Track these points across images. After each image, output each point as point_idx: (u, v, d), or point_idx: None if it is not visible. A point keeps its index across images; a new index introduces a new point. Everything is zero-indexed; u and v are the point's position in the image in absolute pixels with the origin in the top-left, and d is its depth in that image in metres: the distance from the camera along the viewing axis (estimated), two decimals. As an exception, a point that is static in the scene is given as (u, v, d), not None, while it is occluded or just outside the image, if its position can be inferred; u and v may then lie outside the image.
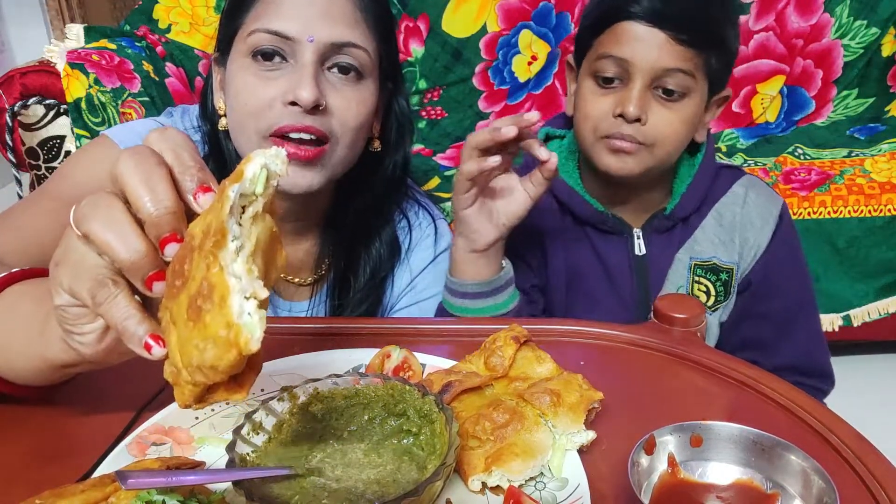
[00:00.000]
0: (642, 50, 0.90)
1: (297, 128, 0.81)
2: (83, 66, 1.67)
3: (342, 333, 0.74)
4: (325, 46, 0.82)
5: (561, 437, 0.54)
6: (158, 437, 0.56)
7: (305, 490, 0.47)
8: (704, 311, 0.73)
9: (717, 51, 0.93)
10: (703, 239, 1.03)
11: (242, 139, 0.86)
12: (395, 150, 0.97)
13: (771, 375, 0.65)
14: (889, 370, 1.92)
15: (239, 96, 0.84)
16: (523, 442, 0.52)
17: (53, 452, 0.56)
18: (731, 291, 1.04)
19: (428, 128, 2.32)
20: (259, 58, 0.83)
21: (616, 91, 0.93)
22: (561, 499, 0.50)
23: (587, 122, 0.96)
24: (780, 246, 1.03)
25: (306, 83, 0.80)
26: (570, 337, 0.72)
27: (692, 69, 0.91)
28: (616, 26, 0.92)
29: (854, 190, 1.81)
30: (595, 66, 0.95)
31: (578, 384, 0.58)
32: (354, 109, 0.85)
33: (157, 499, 0.43)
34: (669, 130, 0.93)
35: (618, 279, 1.04)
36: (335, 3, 0.84)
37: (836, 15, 2.22)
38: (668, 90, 0.92)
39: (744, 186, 1.05)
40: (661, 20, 0.89)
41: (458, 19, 2.25)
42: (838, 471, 0.52)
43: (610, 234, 1.04)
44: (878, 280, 1.85)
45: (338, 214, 0.97)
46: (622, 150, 0.93)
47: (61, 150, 1.69)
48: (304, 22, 0.81)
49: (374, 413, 0.54)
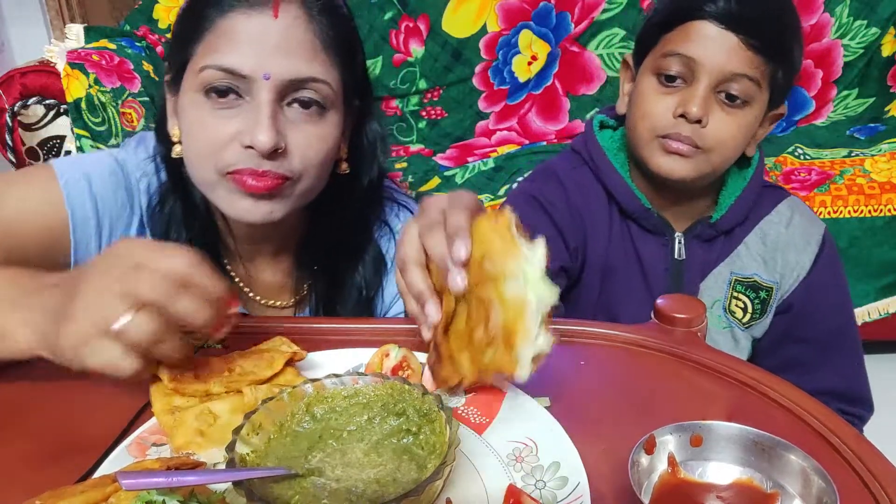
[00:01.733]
0: (712, 50, 0.89)
1: (256, 173, 0.76)
2: (83, 66, 1.67)
3: (341, 333, 0.74)
4: (282, 83, 0.76)
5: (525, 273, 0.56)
6: (159, 438, 0.56)
7: (305, 490, 0.47)
8: (705, 311, 0.73)
9: (784, 62, 0.92)
10: (746, 255, 1.03)
11: (199, 174, 0.81)
12: (367, 169, 0.92)
13: (771, 375, 0.65)
14: (889, 370, 1.92)
15: (192, 133, 0.79)
16: (508, 310, 0.56)
17: (53, 453, 0.56)
18: (767, 310, 1.04)
19: (428, 128, 2.32)
20: (213, 95, 0.77)
21: (678, 91, 0.92)
22: (561, 498, 0.50)
23: (645, 120, 0.95)
24: (823, 270, 1.03)
25: (263, 126, 0.74)
26: (571, 337, 0.72)
27: (758, 77, 0.90)
28: (688, 24, 0.91)
29: (854, 190, 1.81)
30: (660, 64, 0.94)
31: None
32: (316, 146, 0.80)
33: (158, 499, 0.43)
34: (728, 136, 0.92)
35: (652, 279, 1.04)
36: (292, 35, 0.77)
37: (836, 15, 2.22)
38: (732, 96, 0.91)
39: (789, 207, 1.04)
40: (736, 23, 0.88)
41: (458, 19, 2.25)
42: (838, 471, 0.52)
43: (651, 234, 1.03)
44: (878, 280, 1.85)
45: (314, 235, 0.93)
46: (678, 152, 0.92)
47: (61, 150, 1.69)
48: (258, 57, 0.75)
49: (374, 412, 0.54)
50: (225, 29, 0.76)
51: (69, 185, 0.82)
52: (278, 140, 0.75)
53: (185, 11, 0.82)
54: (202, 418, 0.55)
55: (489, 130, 2.32)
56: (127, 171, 0.88)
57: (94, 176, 0.84)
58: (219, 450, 0.52)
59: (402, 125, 2.31)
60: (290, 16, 0.77)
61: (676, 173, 0.94)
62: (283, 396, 0.54)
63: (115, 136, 1.70)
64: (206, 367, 0.59)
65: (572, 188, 1.05)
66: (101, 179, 0.85)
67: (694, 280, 1.03)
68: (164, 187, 0.88)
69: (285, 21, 0.76)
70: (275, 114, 0.76)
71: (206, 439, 0.53)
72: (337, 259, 0.93)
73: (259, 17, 0.76)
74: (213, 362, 0.60)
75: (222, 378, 0.58)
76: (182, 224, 0.87)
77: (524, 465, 0.53)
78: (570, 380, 0.60)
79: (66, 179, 0.82)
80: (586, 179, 1.06)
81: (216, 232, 0.90)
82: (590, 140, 1.07)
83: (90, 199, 0.83)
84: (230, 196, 0.79)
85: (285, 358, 0.61)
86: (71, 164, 0.85)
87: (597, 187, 1.04)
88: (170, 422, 0.55)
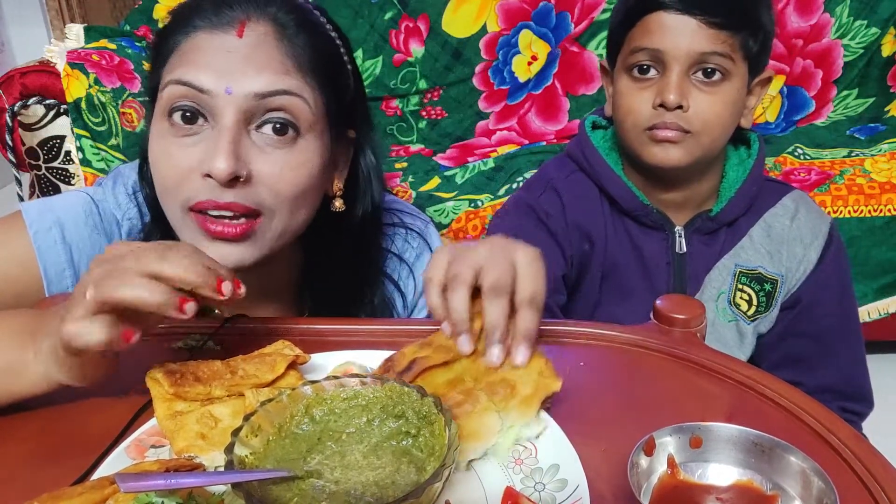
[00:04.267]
0: (675, 38, 0.90)
1: (219, 205, 0.70)
2: (83, 66, 1.67)
3: (343, 335, 0.74)
4: (247, 99, 0.70)
5: (510, 428, 0.55)
6: (157, 440, 0.56)
7: (304, 492, 0.47)
8: (704, 311, 0.73)
9: (753, 30, 0.92)
10: (751, 248, 1.03)
11: (168, 213, 0.75)
12: (359, 203, 0.86)
13: (771, 376, 0.64)
14: (889, 370, 1.92)
15: (156, 165, 0.74)
16: (470, 424, 0.54)
17: (51, 454, 0.56)
18: (773, 303, 1.04)
19: (428, 128, 2.32)
20: (176, 119, 0.71)
21: (654, 83, 0.93)
22: (560, 500, 0.50)
23: (629, 116, 0.96)
24: (829, 265, 1.02)
25: (221, 151, 0.68)
26: (570, 337, 0.72)
27: (728, 51, 0.90)
28: (646, 18, 0.92)
29: (854, 190, 1.80)
30: (629, 61, 0.94)
31: (539, 371, 0.58)
32: (288, 176, 0.72)
33: (156, 501, 0.43)
34: (712, 115, 0.92)
35: (654, 275, 1.04)
36: (259, 49, 0.71)
37: (836, 15, 2.22)
38: (707, 72, 0.91)
39: (794, 201, 1.04)
40: (691, 6, 0.89)
41: (458, 19, 2.25)
42: (838, 472, 0.51)
43: (650, 229, 1.03)
44: (878, 280, 1.85)
45: (312, 274, 0.87)
46: (667, 139, 0.93)
47: (61, 150, 1.69)
48: (220, 71, 0.70)
49: (373, 415, 0.54)
50: (188, 48, 0.73)
51: (39, 236, 0.78)
52: (238, 167, 0.69)
53: (155, 42, 0.78)
54: (203, 422, 0.55)
55: (489, 130, 2.32)
56: (104, 212, 0.83)
57: (68, 222, 0.80)
58: (220, 453, 0.51)
59: (402, 125, 2.31)
60: (257, 34, 0.73)
61: (670, 160, 0.94)
62: (283, 398, 0.53)
63: (115, 136, 1.69)
64: (207, 371, 0.59)
65: (568, 197, 1.05)
66: (76, 225, 0.81)
67: (697, 273, 1.03)
68: (146, 229, 0.84)
69: (252, 39, 0.72)
70: (237, 138, 0.70)
71: (208, 442, 0.53)
72: (338, 297, 0.87)
73: (223, 36, 0.72)
74: (214, 365, 0.60)
75: (224, 381, 0.58)
76: None
77: (523, 468, 0.53)
78: (568, 381, 0.60)
79: (37, 229, 0.78)
80: (581, 186, 1.06)
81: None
82: (583, 141, 1.07)
83: (64, 249, 0.79)
84: (196, 238, 0.72)
85: (287, 361, 0.61)
86: (41, 213, 0.80)
87: (593, 192, 1.05)
88: (171, 426, 0.55)
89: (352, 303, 0.87)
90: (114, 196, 0.85)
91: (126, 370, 0.61)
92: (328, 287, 0.87)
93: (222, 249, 0.71)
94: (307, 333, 0.74)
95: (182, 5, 0.77)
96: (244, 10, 0.73)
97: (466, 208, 1.81)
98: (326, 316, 0.85)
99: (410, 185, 1.96)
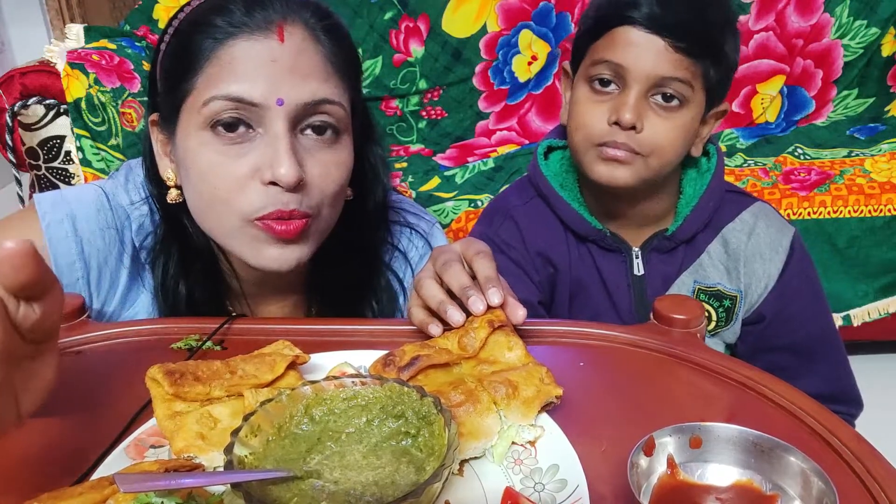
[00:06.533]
0: (640, 56, 0.89)
1: (284, 214, 0.71)
2: (83, 66, 1.67)
3: (343, 335, 0.74)
4: (297, 108, 0.70)
5: (509, 428, 0.56)
6: (157, 440, 0.56)
7: (304, 492, 0.47)
8: (704, 312, 0.73)
9: (716, 60, 0.91)
10: (709, 264, 1.02)
11: (215, 223, 0.75)
12: (371, 193, 0.88)
13: (771, 376, 0.65)
14: (889, 370, 1.92)
15: (205, 179, 0.72)
16: (471, 423, 0.54)
17: (51, 455, 0.56)
18: (732, 318, 1.03)
19: (428, 128, 2.32)
20: (220, 129, 0.71)
21: (612, 98, 0.92)
22: (560, 500, 0.49)
23: (581, 130, 0.95)
24: (793, 277, 1.01)
25: (285, 159, 0.69)
26: (570, 337, 0.72)
27: (689, 78, 0.90)
28: (614, 31, 0.91)
29: (854, 190, 1.81)
30: (591, 72, 0.93)
31: (540, 378, 0.59)
32: (334, 175, 0.75)
33: (156, 501, 0.43)
34: (664, 140, 0.91)
35: (616, 296, 1.03)
36: (302, 56, 0.72)
37: (836, 15, 2.22)
38: (666, 97, 0.90)
39: (753, 215, 1.02)
40: (661, 27, 0.88)
41: (458, 19, 2.25)
42: (838, 472, 0.52)
43: (610, 252, 1.03)
44: (878, 280, 1.85)
45: (322, 266, 0.87)
46: (615, 158, 0.91)
47: (61, 150, 1.69)
48: (269, 83, 0.69)
49: (373, 415, 0.54)
50: (228, 58, 0.71)
51: (51, 227, 0.78)
52: (301, 173, 0.70)
53: (174, 48, 0.76)
54: (203, 422, 0.55)
55: (489, 130, 2.32)
56: (116, 206, 0.83)
57: (80, 215, 0.80)
58: (219, 453, 0.52)
59: (402, 125, 2.31)
60: (297, 38, 0.72)
61: (617, 180, 0.93)
62: (282, 398, 0.53)
63: (115, 135, 1.69)
64: (207, 371, 0.59)
65: (526, 225, 1.05)
66: (87, 219, 0.80)
67: (657, 292, 1.02)
68: (158, 230, 0.84)
69: (293, 44, 0.71)
70: (293, 144, 0.71)
71: (207, 443, 0.53)
72: (347, 290, 0.88)
73: (265, 42, 0.71)
74: (214, 366, 0.60)
75: (223, 381, 0.58)
76: (180, 267, 0.82)
77: (523, 468, 0.53)
78: (568, 381, 0.60)
79: (49, 221, 0.78)
80: (539, 212, 1.05)
81: (219, 274, 0.85)
82: (535, 170, 1.07)
83: (75, 242, 0.79)
84: (254, 244, 0.74)
85: (287, 361, 0.61)
86: (54, 204, 0.80)
87: (552, 217, 1.04)
88: (171, 426, 0.55)
89: (359, 299, 0.89)
90: (125, 191, 0.85)
91: (126, 370, 0.61)
92: (336, 283, 0.88)
93: (284, 250, 0.74)
94: (307, 333, 0.74)
95: (199, 6, 0.75)
96: (280, 13, 0.72)
97: (466, 208, 1.81)
98: (333, 312, 0.87)
99: (410, 185, 1.96)
